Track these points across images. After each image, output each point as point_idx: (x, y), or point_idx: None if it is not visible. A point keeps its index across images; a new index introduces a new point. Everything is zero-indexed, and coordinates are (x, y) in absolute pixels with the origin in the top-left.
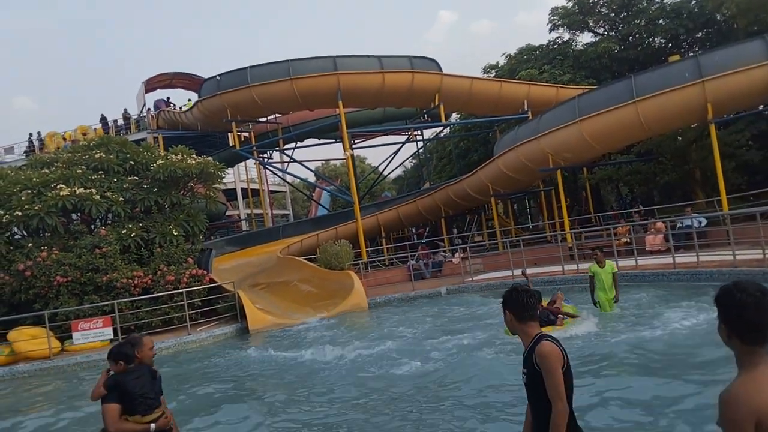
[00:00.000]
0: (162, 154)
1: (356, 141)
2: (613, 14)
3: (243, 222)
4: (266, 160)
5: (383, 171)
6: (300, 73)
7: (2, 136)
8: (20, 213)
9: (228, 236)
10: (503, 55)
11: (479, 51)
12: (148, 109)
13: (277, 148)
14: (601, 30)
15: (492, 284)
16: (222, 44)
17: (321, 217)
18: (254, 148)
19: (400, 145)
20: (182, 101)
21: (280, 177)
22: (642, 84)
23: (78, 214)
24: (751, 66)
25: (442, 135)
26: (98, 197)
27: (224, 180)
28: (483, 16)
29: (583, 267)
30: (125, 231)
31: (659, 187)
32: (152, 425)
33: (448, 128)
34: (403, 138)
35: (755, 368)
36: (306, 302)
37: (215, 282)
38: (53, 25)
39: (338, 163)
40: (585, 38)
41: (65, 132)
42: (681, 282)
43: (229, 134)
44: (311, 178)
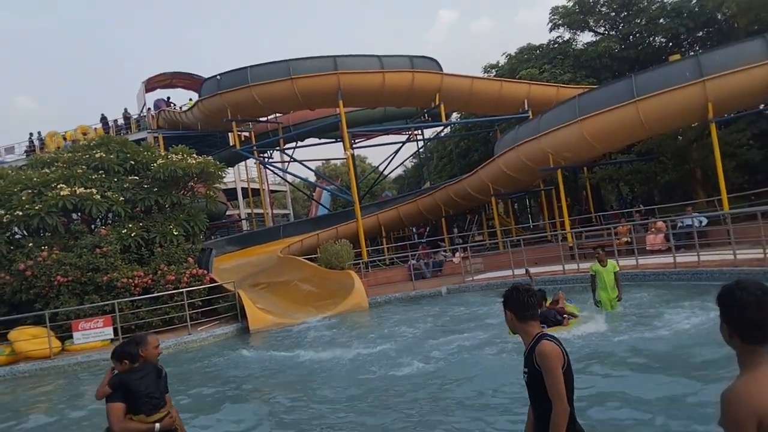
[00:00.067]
0: (162, 154)
1: (356, 140)
2: (614, 13)
3: (243, 222)
4: (267, 160)
5: (384, 170)
6: (300, 73)
7: (3, 136)
8: (21, 213)
9: (228, 236)
10: (503, 55)
11: (479, 50)
12: (149, 109)
13: (278, 148)
14: (602, 29)
15: (492, 284)
16: (222, 44)
17: (321, 217)
18: (254, 148)
19: (401, 145)
20: (182, 101)
21: (281, 176)
22: (642, 83)
23: (78, 214)
24: (752, 65)
25: (443, 134)
26: (98, 197)
27: (224, 180)
28: (483, 15)
29: (584, 266)
30: (125, 231)
31: (660, 187)
32: (157, 425)
33: (449, 128)
34: (404, 137)
35: (757, 368)
36: (306, 302)
37: (216, 282)
38: (53, 25)
39: (339, 163)
40: (585, 37)
41: (65, 132)
42: (682, 281)
43: (230, 134)
44: (312, 178)
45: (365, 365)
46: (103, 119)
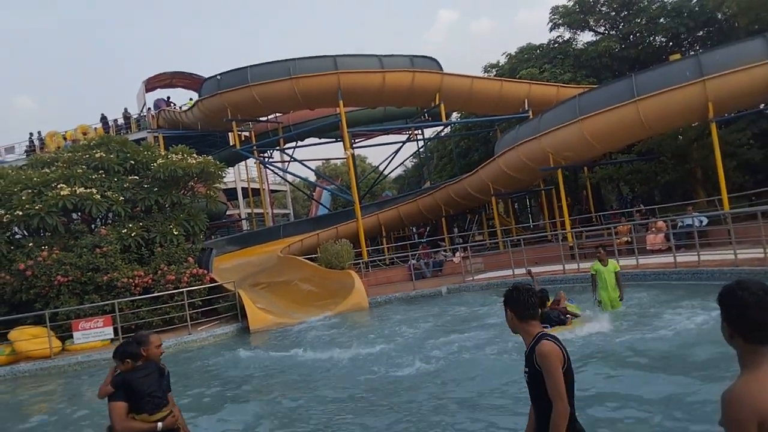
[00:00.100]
0: (162, 154)
1: (357, 140)
2: (614, 13)
3: (243, 221)
4: (267, 160)
5: (384, 170)
6: (300, 73)
7: (3, 136)
8: (21, 212)
9: (228, 236)
10: (504, 55)
11: (479, 50)
12: (149, 109)
13: (278, 148)
14: (602, 29)
15: (493, 283)
16: (222, 44)
17: (321, 217)
18: (255, 148)
19: (401, 145)
20: (182, 101)
21: (281, 176)
22: (643, 83)
23: (78, 214)
24: (752, 65)
25: (443, 134)
26: (99, 197)
27: (225, 179)
28: (483, 15)
29: (584, 266)
30: (126, 230)
31: (660, 186)
32: (159, 424)
33: (449, 127)
34: (404, 137)
35: (758, 368)
36: (306, 302)
37: (216, 281)
38: (53, 25)
39: (339, 163)
40: (586, 37)
41: (66, 131)
42: (682, 281)
43: (230, 133)
44: (312, 178)
45: (366, 365)
46: (103, 119)
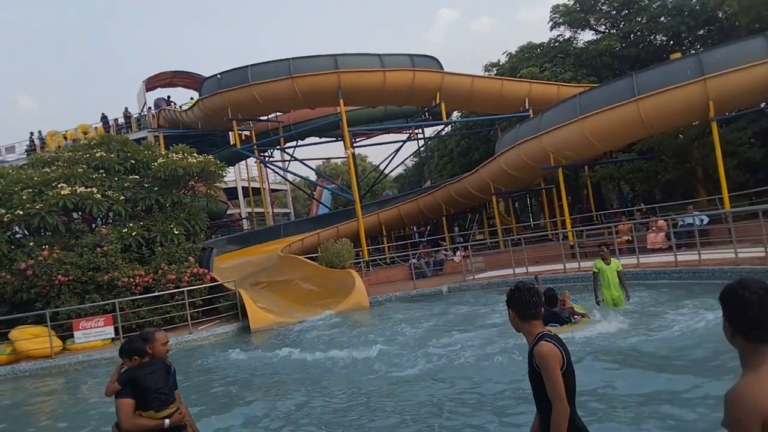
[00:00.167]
0: (163, 153)
1: (357, 139)
2: (615, 12)
3: (244, 221)
4: (267, 159)
5: (384, 169)
6: (301, 72)
7: (3, 136)
8: (21, 212)
9: (229, 235)
10: (504, 54)
11: (479, 49)
12: (149, 108)
13: (278, 147)
14: (603, 28)
15: (493, 283)
16: (222, 44)
17: (322, 216)
18: (255, 147)
19: (401, 144)
20: (183, 100)
21: (281, 176)
22: (643, 82)
23: (79, 213)
24: (753, 63)
25: (443, 133)
26: (99, 196)
27: (225, 179)
28: (483, 14)
29: (585, 265)
30: (126, 230)
31: (661, 185)
32: (166, 421)
33: (449, 126)
34: (404, 136)
35: (760, 367)
36: (307, 301)
37: (216, 281)
38: (53, 25)
39: (339, 162)
40: (586, 36)
41: (66, 131)
42: (683, 280)
43: (230, 133)
44: (312, 177)
45: (366, 364)
46: (104, 118)
